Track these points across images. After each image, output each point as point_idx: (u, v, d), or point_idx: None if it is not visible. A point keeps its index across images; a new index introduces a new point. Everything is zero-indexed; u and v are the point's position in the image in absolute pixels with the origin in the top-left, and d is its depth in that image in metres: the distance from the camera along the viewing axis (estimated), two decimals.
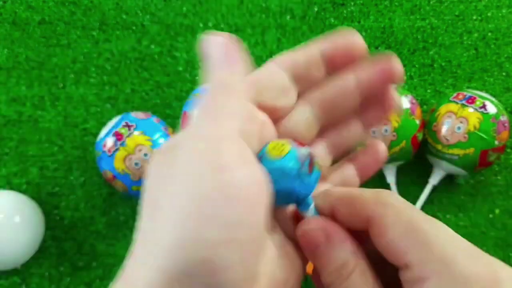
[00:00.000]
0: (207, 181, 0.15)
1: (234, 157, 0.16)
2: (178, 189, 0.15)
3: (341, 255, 0.18)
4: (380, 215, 0.17)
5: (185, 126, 0.18)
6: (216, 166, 0.15)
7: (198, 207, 0.15)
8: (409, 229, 0.16)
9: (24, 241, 0.45)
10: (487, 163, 0.46)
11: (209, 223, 0.15)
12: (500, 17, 0.59)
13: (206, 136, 0.16)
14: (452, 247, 0.16)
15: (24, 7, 0.58)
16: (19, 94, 0.54)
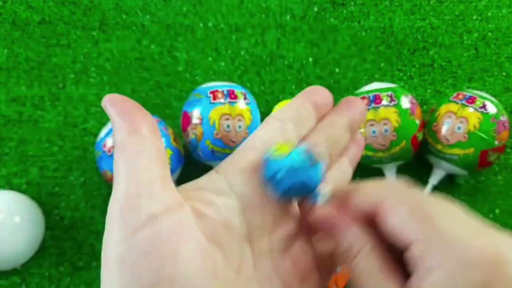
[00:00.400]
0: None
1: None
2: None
3: (347, 238, 0.19)
4: (385, 200, 0.18)
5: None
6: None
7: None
8: (413, 210, 0.17)
9: (24, 241, 0.45)
10: (487, 163, 0.46)
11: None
12: (500, 17, 0.59)
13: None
14: (455, 225, 0.17)
15: (24, 7, 0.58)
16: (19, 94, 0.54)
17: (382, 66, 0.57)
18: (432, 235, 0.17)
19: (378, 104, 0.45)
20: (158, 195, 0.17)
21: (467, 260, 0.16)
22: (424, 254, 0.16)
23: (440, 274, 0.16)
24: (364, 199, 0.19)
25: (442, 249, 0.16)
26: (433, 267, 0.16)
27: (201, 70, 0.56)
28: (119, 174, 0.18)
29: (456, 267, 0.16)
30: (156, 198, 0.17)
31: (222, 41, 0.57)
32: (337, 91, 0.55)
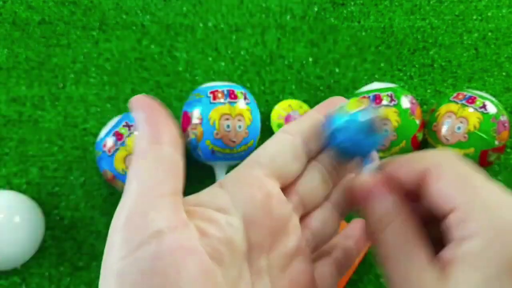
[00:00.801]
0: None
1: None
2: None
3: (383, 206, 0.19)
4: (435, 165, 0.18)
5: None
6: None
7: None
8: (459, 178, 0.18)
9: (24, 241, 0.45)
10: (487, 163, 0.46)
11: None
12: (500, 17, 0.59)
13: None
14: (499, 196, 0.17)
15: (24, 7, 0.58)
16: (19, 94, 0.54)
17: (382, 66, 0.57)
18: (474, 200, 0.17)
19: (378, 104, 0.45)
20: (166, 212, 0.17)
21: (508, 227, 0.16)
22: (464, 219, 0.17)
23: (477, 241, 0.16)
24: (413, 167, 0.19)
25: (483, 216, 0.16)
26: (473, 231, 0.16)
27: (201, 70, 0.56)
28: (131, 183, 0.18)
29: (496, 233, 0.16)
30: (164, 215, 0.17)
31: (222, 41, 0.57)
32: (337, 91, 0.55)
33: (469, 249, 0.16)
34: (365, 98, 0.20)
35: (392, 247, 0.18)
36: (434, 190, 0.18)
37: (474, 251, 0.16)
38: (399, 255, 0.18)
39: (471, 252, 0.16)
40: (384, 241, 0.19)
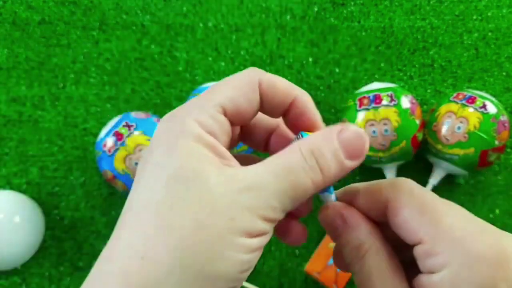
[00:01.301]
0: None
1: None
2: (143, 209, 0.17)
3: (357, 236, 0.19)
4: (395, 198, 0.19)
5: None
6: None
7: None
8: (422, 208, 0.18)
9: (24, 241, 0.45)
10: (487, 163, 0.46)
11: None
12: (500, 17, 0.59)
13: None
14: (462, 225, 0.17)
15: (24, 7, 0.58)
16: (19, 94, 0.54)
17: (382, 66, 0.57)
18: (439, 232, 0.17)
19: (378, 104, 0.45)
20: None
21: (474, 256, 0.16)
22: (432, 251, 0.17)
23: (445, 273, 0.17)
24: (373, 198, 0.20)
25: (450, 246, 0.17)
26: (441, 263, 0.17)
27: (201, 70, 0.56)
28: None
29: (463, 263, 0.16)
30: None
31: (222, 41, 0.57)
32: (337, 91, 0.55)
33: (438, 280, 0.17)
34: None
35: (371, 274, 0.19)
36: (397, 223, 0.19)
37: (446, 278, 0.17)
38: (380, 280, 0.18)
39: (444, 279, 0.17)
40: (362, 269, 0.19)
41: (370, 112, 0.45)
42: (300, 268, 0.48)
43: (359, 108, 0.46)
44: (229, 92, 0.19)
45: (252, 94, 0.19)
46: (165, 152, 0.17)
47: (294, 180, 0.17)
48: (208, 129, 0.18)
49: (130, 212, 0.17)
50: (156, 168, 0.17)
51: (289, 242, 0.22)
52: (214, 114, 0.18)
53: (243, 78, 0.19)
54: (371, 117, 0.45)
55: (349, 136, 0.18)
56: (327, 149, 0.18)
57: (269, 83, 0.20)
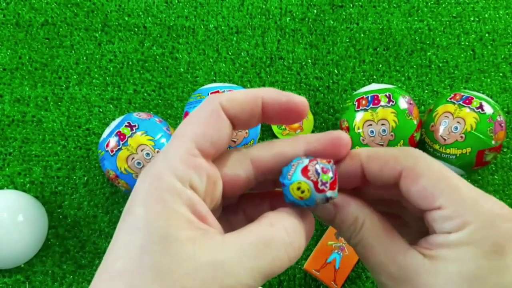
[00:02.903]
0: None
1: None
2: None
3: (350, 212, 0.20)
4: (413, 166, 0.19)
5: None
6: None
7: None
8: (440, 176, 0.19)
9: (27, 239, 0.46)
10: (484, 163, 0.47)
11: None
12: (497, 18, 0.59)
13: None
14: (479, 195, 0.19)
15: (27, 8, 0.58)
16: (23, 95, 0.55)
17: (380, 67, 0.57)
18: (459, 198, 0.18)
19: (376, 105, 0.46)
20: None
21: (491, 215, 0.18)
22: (450, 217, 0.18)
23: (467, 229, 0.18)
24: (387, 165, 0.20)
25: (469, 210, 0.18)
26: (461, 224, 0.18)
27: (202, 71, 0.56)
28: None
29: (482, 221, 0.18)
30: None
31: (223, 43, 0.58)
32: (336, 92, 0.56)
33: (457, 237, 0.18)
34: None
35: (372, 239, 0.20)
36: (414, 192, 0.19)
37: (462, 238, 0.18)
38: (380, 244, 0.19)
39: (459, 239, 0.18)
40: (362, 241, 0.20)
41: (368, 113, 0.46)
42: (299, 266, 0.49)
43: (358, 109, 0.47)
44: (199, 129, 0.19)
45: (218, 122, 0.19)
46: (143, 217, 0.17)
47: (274, 257, 0.17)
48: (185, 178, 0.17)
49: (105, 278, 0.17)
50: (132, 234, 0.16)
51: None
52: (189, 161, 0.18)
53: (205, 109, 0.19)
54: (369, 118, 0.46)
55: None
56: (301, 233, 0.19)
57: (228, 101, 0.19)
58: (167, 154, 0.18)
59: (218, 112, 0.19)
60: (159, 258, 0.16)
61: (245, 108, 0.19)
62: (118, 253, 0.16)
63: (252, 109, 0.20)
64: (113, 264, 0.16)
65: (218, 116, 0.19)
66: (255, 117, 0.20)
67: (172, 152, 0.18)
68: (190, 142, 0.18)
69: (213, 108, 0.19)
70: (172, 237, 0.16)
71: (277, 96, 0.20)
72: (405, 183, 0.19)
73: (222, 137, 0.19)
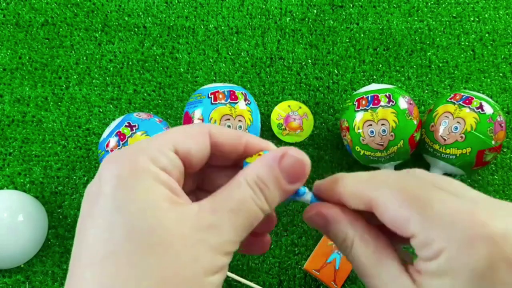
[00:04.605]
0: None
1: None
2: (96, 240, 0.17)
3: (340, 229, 0.20)
4: (378, 197, 0.19)
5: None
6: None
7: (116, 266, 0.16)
8: (406, 201, 0.18)
9: (27, 239, 0.46)
10: (484, 163, 0.47)
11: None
12: (497, 18, 0.59)
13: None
14: (451, 206, 0.17)
15: (27, 8, 0.58)
16: (23, 95, 0.55)
17: (380, 67, 0.57)
18: (429, 222, 0.17)
19: (376, 105, 0.46)
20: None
21: (468, 239, 0.16)
22: (426, 241, 0.17)
23: (444, 256, 0.17)
24: (359, 200, 0.20)
25: (442, 233, 0.17)
26: (437, 251, 0.17)
27: (202, 71, 0.56)
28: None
29: (458, 247, 0.16)
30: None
31: (223, 43, 0.58)
32: (336, 92, 0.56)
33: (436, 267, 0.17)
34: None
35: (363, 260, 0.19)
36: (386, 222, 0.19)
37: (440, 267, 0.17)
38: (371, 266, 0.19)
39: (438, 267, 0.17)
40: (354, 257, 0.20)
41: (368, 113, 0.46)
42: (300, 266, 0.49)
43: (358, 109, 0.47)
44: (181, 136, 0.19)
45: (202, 140, 0.20)
46: (121, 195, 0.17)
47: (247, 212, 0.18)
48: (161, 165, 0.18)
49: (85, 262, 0.17)
50: (111, 215, 0.17)
51: (252, 253, 0.23)
52: (165, 152, 0.18)
53: (194, 127, 0.20)
54: (369, 118, 0.46)
55: (289, 163, 0.19)
56: (270, 179, 0.19)
57: (217, 131, 0.20)
58: (144, 144, 0.19)
59: (205, 133, 0.20)
60: (151, 228, 0.16)
61: (230, 142, 0.21)
62: (102, 232, 0.17)
63: (235, 146, 0.21)
64: (94, 248, 0.17)
65: (204, 135, 0.20)
66: (234, 154, 0.21)
67: (149, 143, 0.19)
68: (169, 142, 0.19)
69: (201, 129, 0.20)
70: (157, 208, 0.17)
71: (261, 144, 0.21)
72: (377, 215, 0.19)
73: (200, 153, 0.20)
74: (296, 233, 0.50)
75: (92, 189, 0.18)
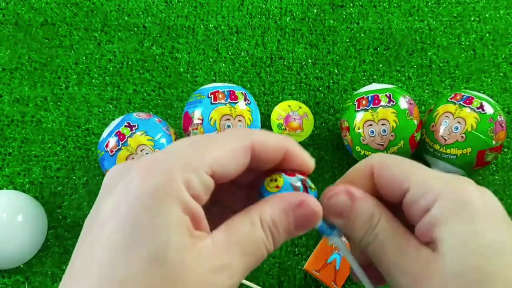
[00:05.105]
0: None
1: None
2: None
3: (367, 206, 0.21)
4: (381, 160, 0.22)
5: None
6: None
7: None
8: (403, 164, 0.21)
9: (27, 240, 0.46)
10: (485, 163, 0.47)
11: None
12: (497, 18, 0.59)
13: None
14: (439, 173, 0.20)
15: (26, 8, 0.58)
16: (22, 95, 0.54)
17: (381, 67, 0.57)
18: (424, 176, 0.20)
19: (377, 105, 0.46)
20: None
21: (459, 187, 0.19)
22: (423, 193, 0.19)
23: (439, 202, 0.19)
24: (363, 176, 0.22)
25: (436, 183, 0.19)
26: (432, 199, 0.19)
27: (202, 71, 0.56)
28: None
29: (452, 192, 0.19)
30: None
31: (223, 43, 0.58)
32: (336, 91, 0.56)
33: (433, 216, 0.19)
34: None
35: (388, 236, 0.20)
36: (385, 180, 0.21)
37: (438, 215, 0.19)
38: (396, 241, 0.20)
39: (435, 217, 0.19)
40: (377, 238, 0.20)
41: (368, 113, 0.46)
42: (300, 266, 0.49)
43: (358, 109, 0.47)
44: (222, 153, 0.18)
45: (243, 158, 0.19)
46: (147, 214, 0.16)
47: (258, 255, 0.19)
48: (194, 192, 0.17)
49: (87, 276, 0.17)
50: (132, 230, 0.16)
51: None
52: (202, 174, 0.18)
53: (236, 141, 0.19)
54: (370, 118, 0.46)
55: (305, 214, 0.19)
56: (283, 225, 0.19)
57: (261, 144, 0.19)
58: (182, 158, 0.18)
59: (247, 151, 0.19)
60: (171, 264, 0.16)
61: (272, 155, 0.20)
62: (120, 256, 0.16)
63: (274, 157, 0.20)
64: (110, 270, 0.16)
65: (245, 154, 0.19)
66: (268, 165, 0.21)
67: (187, 158, 0.18)
68: (209, 160, 0.18)
69: (244, 144, 0.19)
70: (180, 244, 0.16)
71: (299, 154, 0.21)
72: (376, 175, 0.21)
73: (235, 172, 0.19)
74: None
75: (115, 192, 0.17)
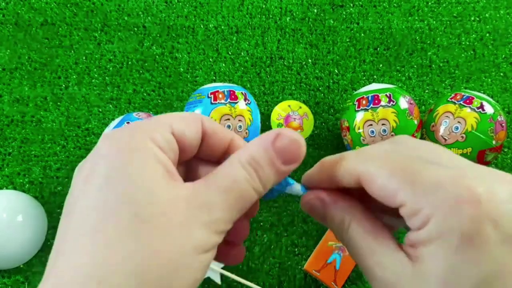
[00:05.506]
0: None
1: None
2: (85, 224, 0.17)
3: (337, 212, 0.21)
4: (364, 171, 0.19)
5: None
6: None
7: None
8: (392, 171, 0.18)
9: (27, 240, 0.46)
10: (485, 163, 0.47)
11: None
12: (498, 18, 0.59)
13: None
14: (437, 173, 0.17)
15: (26, 8, 0.58)
16: (22, 95, 0.54)
17: (381, 67, 0.57)
18: (415, 190, 0.17)
19: (377, 105, 0.46)
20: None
21: (454, 202, 0.16)
22: (414, 209, 0.17)
23: (432, 222, 0.17)
24: (349, 177, 0.20)
25: (429, 200, 0.17)
26: (425, 218, 0.17)
27: (202, 71, 0.56)
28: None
29: (445, 212, 0.16)
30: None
31: (223, 43, 0.58)
32: (336, 91, 0.56)
33: (426, 235, 0.17)
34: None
35: (360, 240, 0.20)
36: (375, 194, 0.19)
37: (431, 233, 0.17)
38: (367, 246, 0.19)
39: (429, 235, 0.17)
40: (350, 241, 0.20)
41: (368, 113, 0.46)
42: (300, 267, 0.49)
43: (358, 109, 0.47)
44: (177, 119, 0.20)
45: (195, 125, 0.20)
46: (117, 168, 0.17)
47: (240, 192, 0.19)
48: (158, 144, 0.18)
49: (76, 232, 0.17)
50: (106, 185, 0.17)
51: (226, 263, 0.24)
52: (163, 132, 0.19)
53: (189, 115, 0.21)
54: (370, 118, 0.46)
55: (284, 143, 0.19)
56: (264, 159, 0.19)
57: (209, 124, 0.21)
58: (144, 124, 0.19)
59: (198, 120, 0.21)
60: (145, 201, 0.17)
61: (219, 141, 0.21)
62: (95, 203, 0.17)
63: (222, 139, 0.21)
64: (85, 217, 0.17)
65: (197, 121, 0.20)
66: (219, 148, 0.22)
67: (147, 123, 0.19)
68: (166, 123, 0.19)
69: (194, 116, 0.21)
70: (153, 183, 0.17)
71: (242, 144, 0.22)
72: (366, 188, 0.19)
73: (193, 138, 0.20)
74: (296, 234, 0.50)
75: (86, 165, 0.18)
